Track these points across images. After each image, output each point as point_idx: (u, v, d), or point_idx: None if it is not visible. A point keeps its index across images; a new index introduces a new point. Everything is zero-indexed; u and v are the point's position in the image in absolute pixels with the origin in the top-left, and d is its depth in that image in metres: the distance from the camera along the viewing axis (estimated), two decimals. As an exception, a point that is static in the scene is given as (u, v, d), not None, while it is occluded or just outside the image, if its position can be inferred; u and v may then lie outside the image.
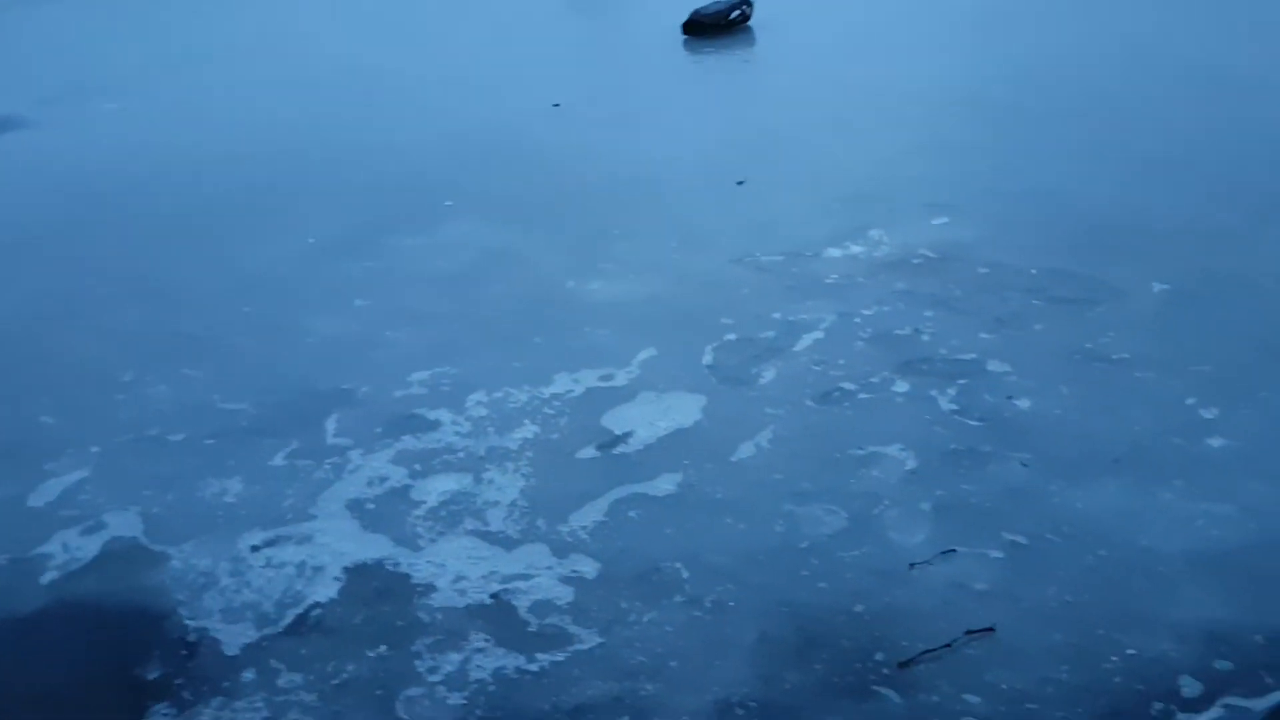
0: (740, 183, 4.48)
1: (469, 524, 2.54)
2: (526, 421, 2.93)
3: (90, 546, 2.53)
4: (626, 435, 2.82)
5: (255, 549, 2.49)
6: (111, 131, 6.07)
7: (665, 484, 2.61)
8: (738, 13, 6.83)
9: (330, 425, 3.00)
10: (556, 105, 5.70)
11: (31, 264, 4.37)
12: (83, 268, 4.27)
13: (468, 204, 4.59)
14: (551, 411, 2.96)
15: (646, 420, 2.87)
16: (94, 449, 2.93)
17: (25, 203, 5.10)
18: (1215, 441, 2.60)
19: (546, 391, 3.07)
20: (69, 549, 2.53)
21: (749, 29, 6.83)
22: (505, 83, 6.28)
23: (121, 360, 3.46)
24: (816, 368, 3.04)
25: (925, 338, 3.13)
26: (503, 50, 7.08)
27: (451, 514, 2.58)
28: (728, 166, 4.66)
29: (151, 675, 2.16)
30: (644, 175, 4.71)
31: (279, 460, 2.84)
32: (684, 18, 6.82)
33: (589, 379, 3.11)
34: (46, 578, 2.44)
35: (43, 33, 8.82)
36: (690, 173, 4.70)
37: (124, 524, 2.60)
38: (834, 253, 3.73)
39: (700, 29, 6.77)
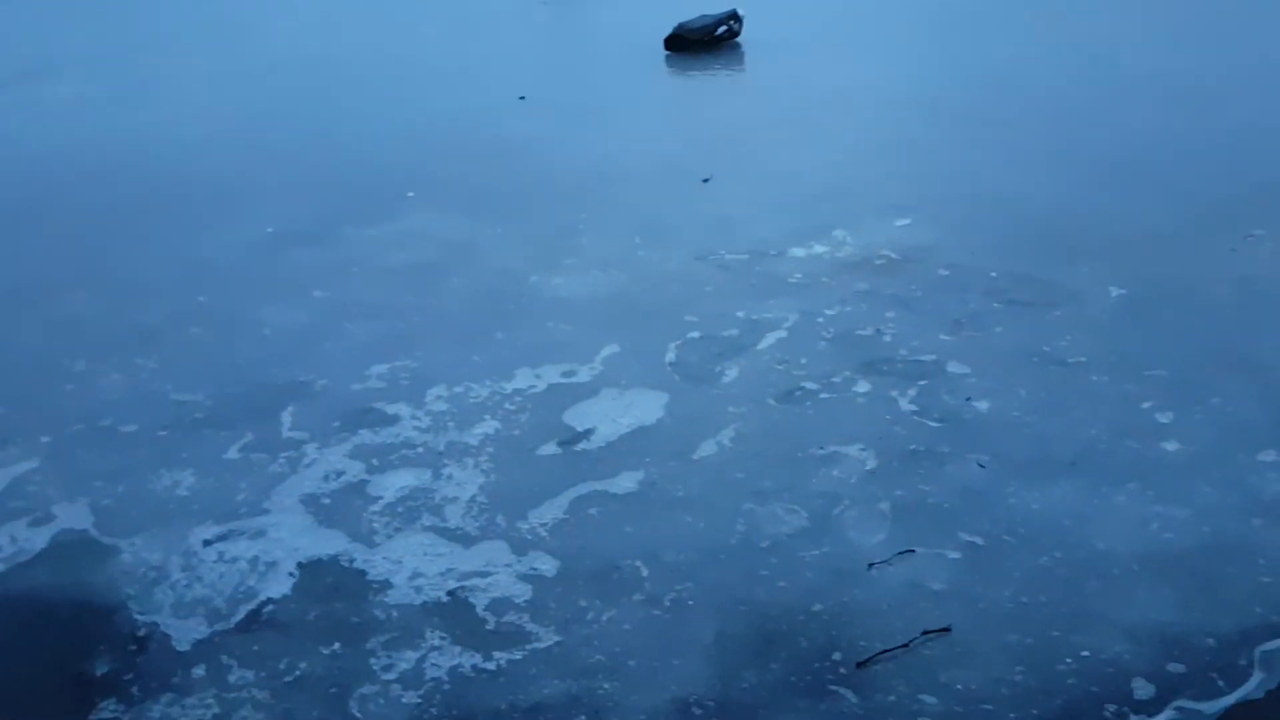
0: (706, 180, 4.48)
1: (427, 520, 2.52)
2: (487, 417, 2.90)
3: (38, 538, 2.47)
4: (588, 432, 2.80)
5: (208, 543, 2.45)
6: (65, 116, 5.96)
7: (626, 481, 2.60)
8: (724, 29, 6.37)
9: (286, 418, 2.96)
10: (522, 98, 5.67)
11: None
12: (31, 254, 4.19)
13: (429, 195, 4.55)
14: (513, 407, 2.94)
15: (609, 417, 2.86)
16: (44, 439, 2.87)
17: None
18: (1169, 446, 2.63)
19: (508, 387, 3.04)
20: (16, 540, 2.47)
21: (737, 45, 6.47)
22: (472, 81, 6.24)
23: (72, 349, 3.39)
24: (779, 367, 3.04)
25: (887, 338, 3.15)
26: (473, 51, 7.03)
27: (409, 510, 2.55)
28: (694, 164, 4.66)
29: (100, 670, 2.11)
30: (609, 171, 4.70)
31: (233, 453, 2.79)
32: (671, 33, 6.35)
33: (551, 375, 3.09)
34: (-9, 571, 2.39)
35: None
36: (656, 169, 4.69)
37: (73, 516, 2.55)
38: (798, 252, 3.74)
39: (683, 45, 6.30)
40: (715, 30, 6.35)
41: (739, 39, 6.47)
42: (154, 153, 5.27)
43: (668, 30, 6.41)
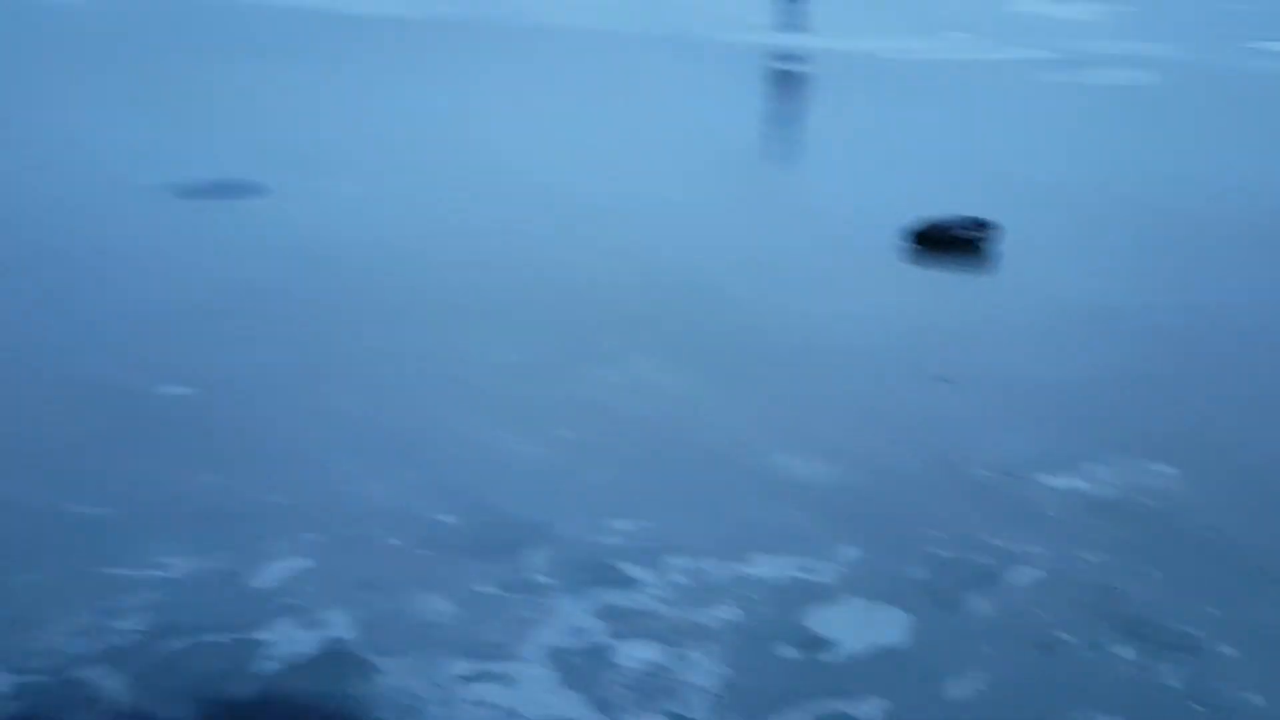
0: (945, 380, 4.45)
1: (667, 704, 2.52)
2: (727, 601, 2.91)
3: (307, 642, 2.60)
4: (829, 641, 2.77)
5: (463, 680, 2.51)
6: (335, 210, 6.44)
7: (870, 707, 2.54)
8: (974, 234, 6.26)
9: (534, 560, 3.04)
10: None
11: (259, 333, 4.63)
12: (299, 343, 4.50)
13: (662, 347, 4.68)
14: (752, 596, 2.94)
15: (850, 628, 2.82)
16: (313, 537, 3.04)
17: (249, 269, 5.42)
18: None
19: (746, 571, 3.05)
20: (288, 640, 2.60)
21: (986, 251, 6.31)
22: (703, 234, 6.43)
23: (340, 447, 3.61)
24: (1032, 610, 2.94)
25: (1149, 601, 3.01)
26: (707, 203, 7.27)
27: (651, 688, 2.56)
28: (932, 360, 4.64)
29: (355, 797, 2.18)
30: (844, 351, 4.73)
31: (486, 588, 2.88)
32: (916, 227, 6.28)
33: (789, 567, 3.08)
34: (264, 667, 2.52)
35: (280, 94, 9.47)
36: (892, 359, 4.69)
37: (340, 624, 2.67)
38: (1050, 481, 3.64)
39: (928, 241, 6.25)
40: (963, 233, 6.25)
41: (989, 247, 6.35)
42: (405, 261, 5.63)
43: (912, 221, 6.41)
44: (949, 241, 6.27)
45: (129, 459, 3.51)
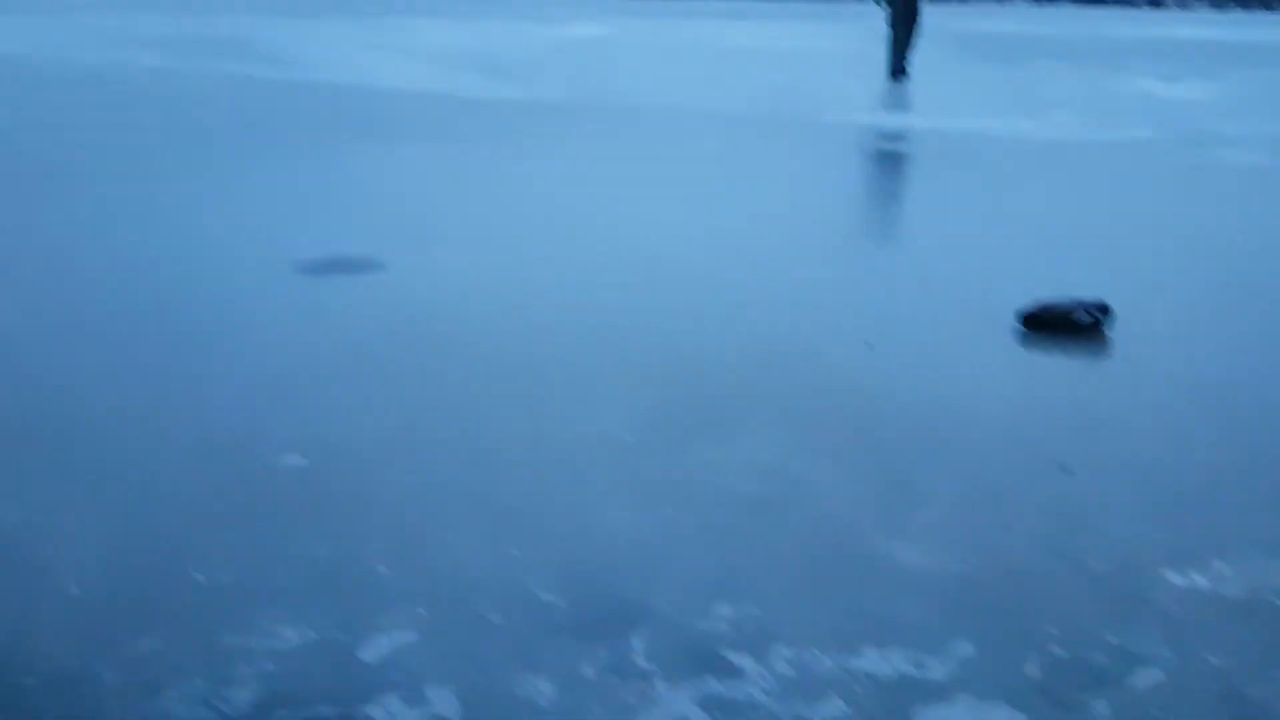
0: (1064, 469, 4.31)
1: (772, 798, 2.46)
2: (835, 695, 2.84)
3: (410, 719, 2.62)
4: (943, 741, 2.68)
5: (563, 768, 2.50)
6: (449, 284, 6.61)
7: (984, 811, 2.45)
8: (1089, 317, 6.03)
9: (636, 643, 3.02)
10: (871, 346, 5.74)
11: (373, 404, 4.75)
12: (412, 415, 4.60)
13: (773, 425, 4.65)
14: (861, 691, 2.87)
15: (965, 728, 2.72)
16: (421, 611, 3.07)
17: (367, 341, 5.58)
18: None
19: (854, 664, 2.98)
20: (392, 716, 2.63)
21: (1102, 334, 6.08)
22: (808, 309, 6.40)
23: (447, 520, 3.66)
24: (1153, 713, 2.80)
25: (1277, 705, 2.85)
26: (811, 279, 7.25)
27: (755, 781, 2.51)
28: (1047, 447, 4.51)
29: None
30: (956, 435, 4.63)
31: (587, 670, 2.87)
32: (1031, 309, 6.06)
33: (900, 662, 3.00)
34: (370, 743, 2.55)
35: (397, 174, 9.83)
36: (1007, 444, 4.57)
37: (443, 702, 2.69)
38: (1172, 578, 3.49)
39: (1042, 324, 6.02)
40: (1079, 315, 6.04)
41: (1106, 330, 6.13)
42: (518, 333, 5.73)
43: (1026, 303, 6.26)
44: (1065, 324, 6.08)
45: (246, 527, 3.61)
